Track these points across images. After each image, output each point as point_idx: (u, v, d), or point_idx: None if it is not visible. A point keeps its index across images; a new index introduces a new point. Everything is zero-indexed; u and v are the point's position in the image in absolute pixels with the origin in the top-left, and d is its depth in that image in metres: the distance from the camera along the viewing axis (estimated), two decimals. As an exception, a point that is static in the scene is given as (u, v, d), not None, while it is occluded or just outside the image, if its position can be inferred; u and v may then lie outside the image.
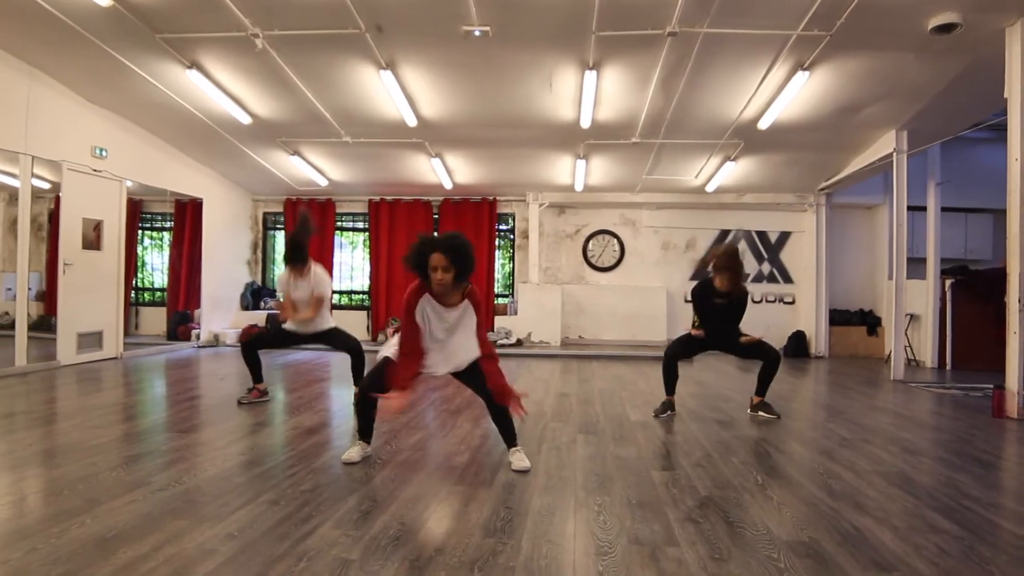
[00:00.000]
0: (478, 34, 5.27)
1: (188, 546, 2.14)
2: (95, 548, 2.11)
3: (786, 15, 4.96)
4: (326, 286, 4.79)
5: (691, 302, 4.60)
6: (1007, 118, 4.88)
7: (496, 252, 10.06)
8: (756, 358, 4.61)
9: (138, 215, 9.06)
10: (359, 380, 4.83)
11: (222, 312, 9.49)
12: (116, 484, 2.78)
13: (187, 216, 9.21)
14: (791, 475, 3.14)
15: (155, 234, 9.73)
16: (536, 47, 5.64)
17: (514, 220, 10.16)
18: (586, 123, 6.93)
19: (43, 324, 7.08)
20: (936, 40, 5.05)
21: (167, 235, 9.61)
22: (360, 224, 10.44)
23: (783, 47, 5.37)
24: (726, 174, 8.42)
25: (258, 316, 9.62)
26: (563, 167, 8.63)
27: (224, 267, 9.58)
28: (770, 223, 9.65)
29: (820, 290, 9.25)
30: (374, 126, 7.35)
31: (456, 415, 4.47)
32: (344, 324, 5.65)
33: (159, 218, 9.58)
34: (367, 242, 10.26)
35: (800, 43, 5.27)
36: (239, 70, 6.17)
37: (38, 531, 2.24)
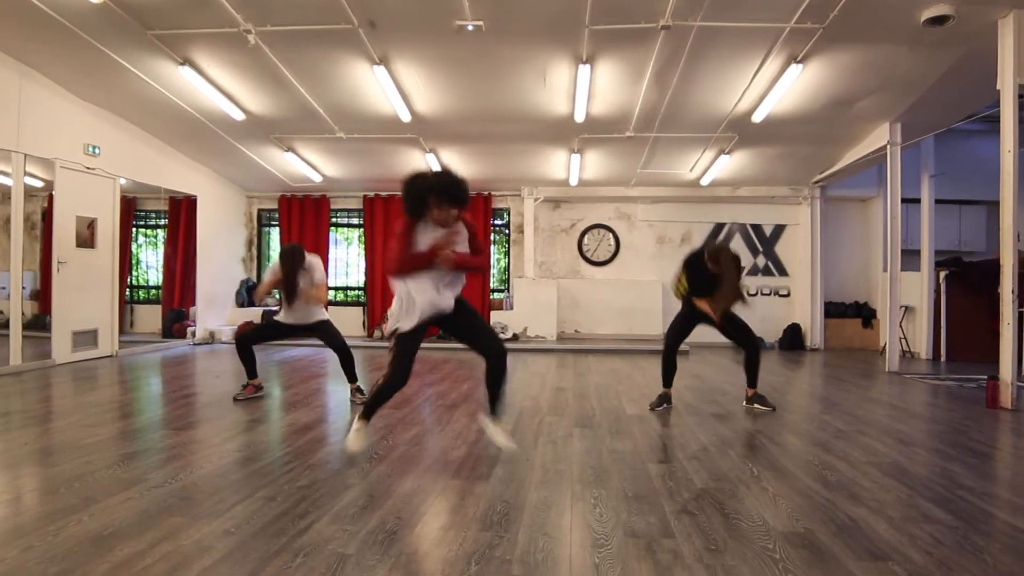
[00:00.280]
0: (471, 29, 5.26)
1: (185, 543, 2.14)
2: (91, 546, 2.11)
3: (779, 8, 4.97)
4: (323, 272, 4.80)
5: (683, 269, 4.57)
6: (1000, 110, 4.90)
7: (492, 247, 10.06)
8: (738, 341, 4.59)
9: (132, 213, 9.04)
10: (352, 378, 4.86)
11: (217, 309, 9.47)
12: (112, 482, 2.77)
13: (181, 213, 9.19)
14: (786, 467, 3.16)
15: (149, 231, 9.71)
16: (529, 41, 5.63)
17: (509, 215, 10.16)
18: (580, 117, 6.92)
19: (38, 323, 7.06)
20: (929, 32, 5.05)
21: (161, 232, 9.60)
22: (355, 220, 10.42)
23: (776, 40, 5.37)
24: (720, 167, 8.42)
25: (254, 313, 9.59)
26: (558, 161, 8.63)
27: (219, 264, 9.54)
28: (765, 216, 9.67)
29: (815, 283, 9.29)
30: (368, 122, 7.33)
31: (452, 410, 4.48)
32: (339, 320, 5.68)
33: (153, 215, 9.57)
34: (362, 238, 10.25)
35: (793, 36, 5.27)
36: (232, 66, 6.14)
37: (34, 529, 2.24)
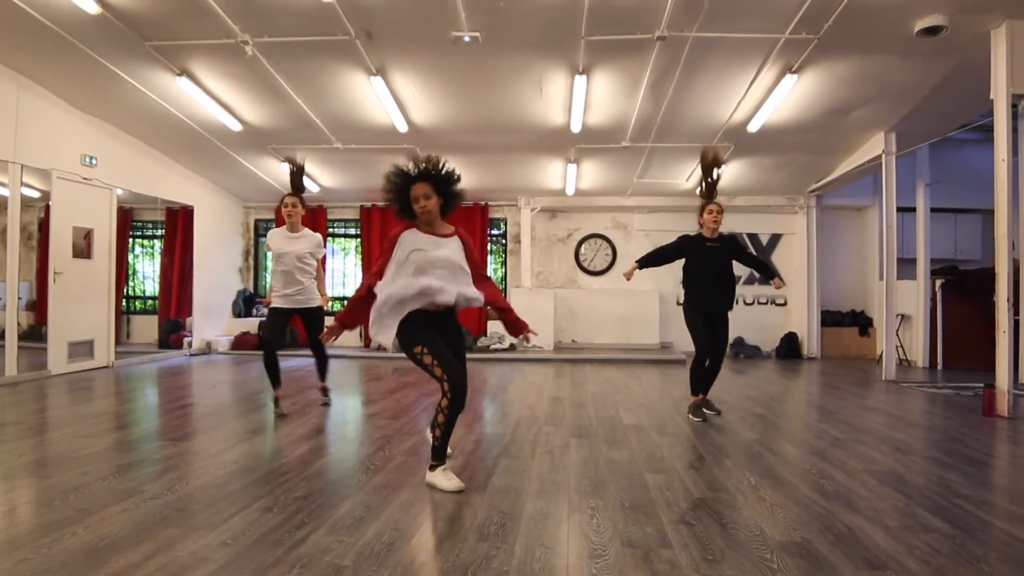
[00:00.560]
0: (468, 40, 5.29)
1: (181, 554, 2.13)
2: (87, 558, 2.09)
3: (774, 19, 5.01)
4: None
5: (676, 243, 4.64)
6: (993, 119, 4.93)
7: (489, 257, 10.07)
8: (716, 346, 4.54)
9: (129, 223, 9.04)
10: (324, 376, 5.03)
11: (214, 320, 9.45)
12: (108, 493, 2.76)
13: (178, 224, 9.19)
14: (784, 476, 3.15)
15: (146, 242, 9.71)
16: (526, 52, 5.66)
17: (506, 225, 10.17)
18: (576, 127, 6.96)
19: (34, 333, 7.05)
20: (923, 43, 5.10)
21: (158, 243, 9.59)
22: (352, 230, 10.43)
23: (772, 51, 5.41)
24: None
25: (250, 323, 9.59)
26: (554, 171, 8.66)
27: (216, 274, 9.54)
28: (761, 225, 9.70)
29: (811, 291, 9.31)
30: (365, 132, 7.36)
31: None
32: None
33: (150, 226, 9.57)
34: (359, 248, 10.26)
35: (788, 46, 5.31)
36: (229, 77, 6.17)
37: (29, 541, 2.22)
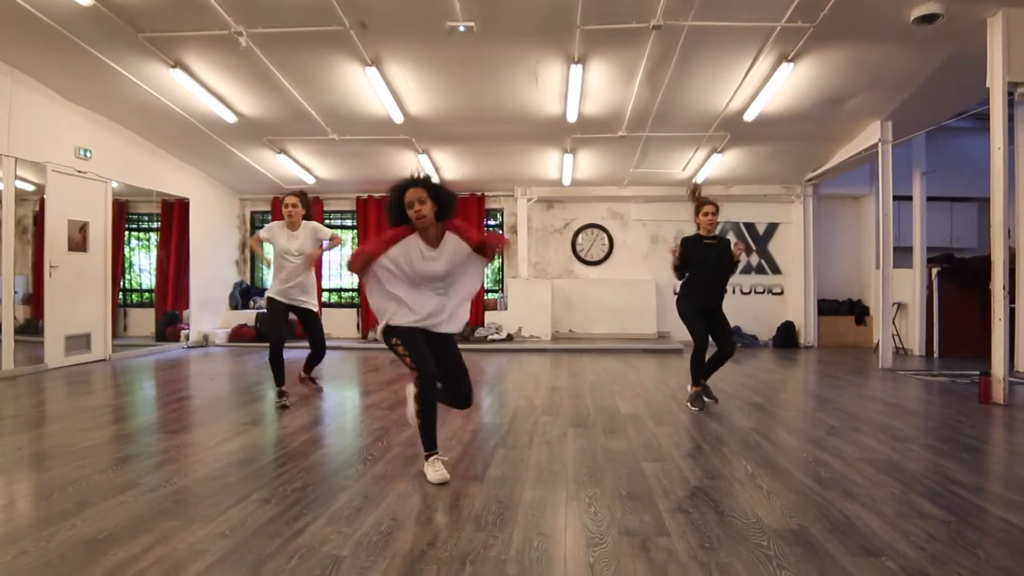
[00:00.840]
0: (463, 30, 5.26)
1: (179, 546, 2.13)
2: (85, 550, 2.10)
3: (770, 7, 4.99)
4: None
5: (679, 246, 4.61)
6: (989, 107, 4.93)
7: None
8: (718, 339, 4.56)
9: (124, 216, 8.99)
10: (310, 370, 5.00)
11: (211, 312, 9.44)
12: (106, 486, 2.76)
13: (174, 216, 9.15)
14: (780, 464, 3.17)
15: (142, 235, 9.66)
16: (521, 42, 5.63)
17: (503, 215, 10.16)
18: (572, 117, 6.93)
19: (30, 327, 7.02)
20: (919, 30, 5.08)
21: (154, 236, 9.55)
22: (348, 222, 10.40)
23: (767, 39, 5.39)
24: (713, 166, 8.45)
25: (247, 316, 9.58)
26: (550, 162, 8.64)
27: (212, 267, 9.51)
28: (757, 215, 9.69)
29: (808, 280, 9.32)
30: (360, 123, 7.32)
31: (446, 411, 4.46)
32: (333, 322, 5.67)
33: (146, 219, 9.52)
34: (355, 239, 10.23)
35: (784, 35, 5.29)
36: (223, 69, 6.12)
37: (28, 534, 2.23)
